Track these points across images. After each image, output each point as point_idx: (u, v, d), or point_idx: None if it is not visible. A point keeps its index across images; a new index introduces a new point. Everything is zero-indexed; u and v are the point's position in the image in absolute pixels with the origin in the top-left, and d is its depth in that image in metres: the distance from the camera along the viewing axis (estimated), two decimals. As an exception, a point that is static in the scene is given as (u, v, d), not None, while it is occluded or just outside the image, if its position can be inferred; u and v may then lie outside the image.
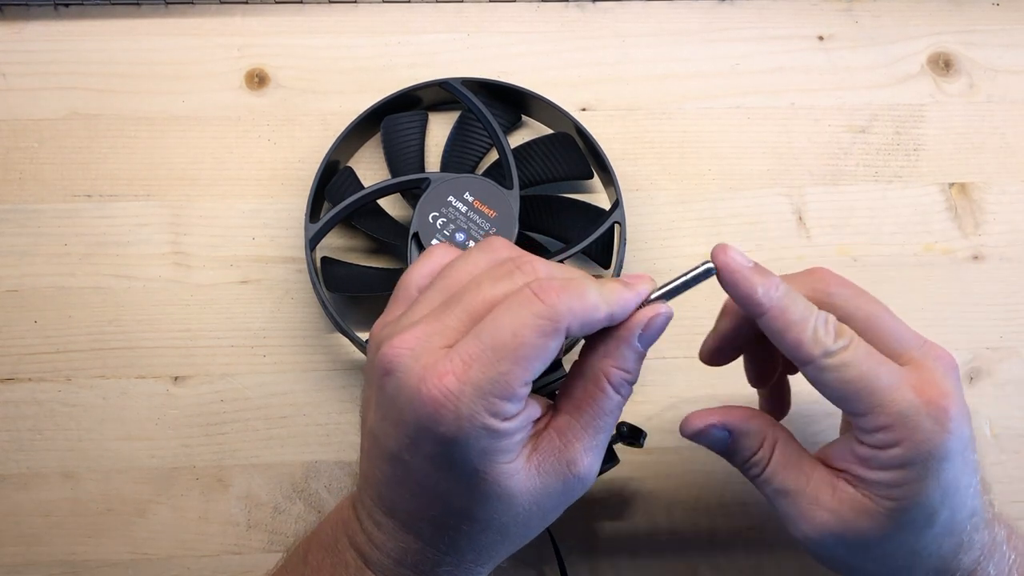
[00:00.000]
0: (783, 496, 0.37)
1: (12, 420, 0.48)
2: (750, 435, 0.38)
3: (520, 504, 0.33)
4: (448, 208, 0.48)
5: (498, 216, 0.48)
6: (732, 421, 0.39)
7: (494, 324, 0.32)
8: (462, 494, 0.33)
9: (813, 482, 0.37)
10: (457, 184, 0.48)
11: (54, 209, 0.51)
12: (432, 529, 0.34)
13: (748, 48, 0.56)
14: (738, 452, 0.39)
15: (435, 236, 0.47)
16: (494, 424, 0.32)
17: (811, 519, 0.36)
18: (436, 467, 0.32)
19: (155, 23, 0.55)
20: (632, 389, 0.35)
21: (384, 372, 0.32)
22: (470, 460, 0.32)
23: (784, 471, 0.37)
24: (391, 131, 0.51)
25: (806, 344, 0.35)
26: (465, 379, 0.31)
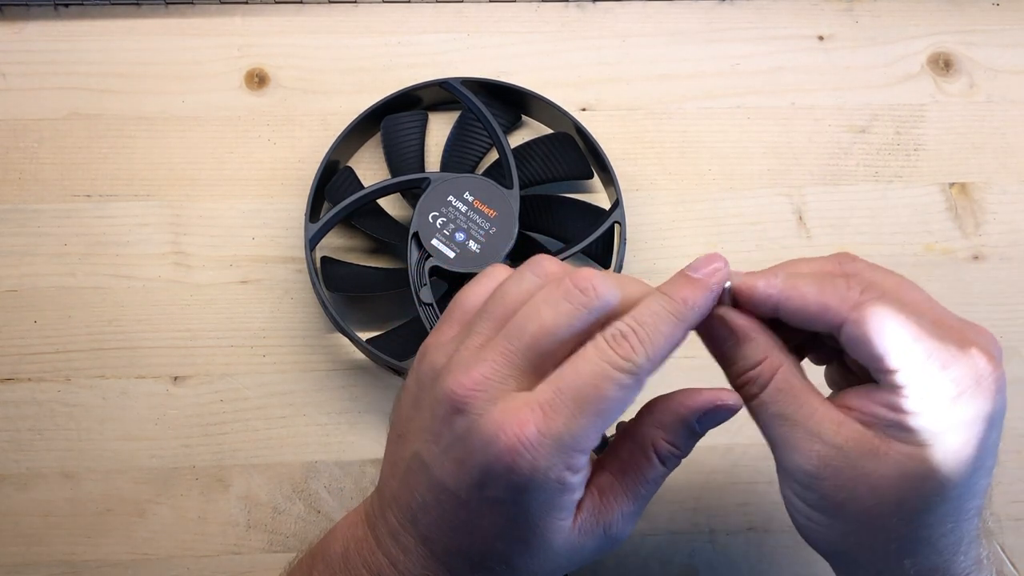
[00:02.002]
0: (780, 422, 0.34)
1: (12, 420, 0.48)
2: (755, 344, 0.35)
3: (556, 559, 0.33)
4: (448, 208, 0.48)
5: (498, 216, 0.48)
6: (739, 321, 0.35)
7: (575, 375, 0.31)
8: (509, 540, 0.33)
9: (818, 414, 0.34)
10: (457, 184, 0.48)
11: (54, 209, 0.51)
12: (464, 565, 0.34)
13: (748, 48, 0.56)
14: (737, 359, 0.35)
15: (435, 236, 0.47)
16: (567, 477, 0.31)
17: (807, 450, 0.33)
18: (493, 511, 0.32)
19: (155, 23, 0.55)
20: (680, 463, 0.35)
21: (454, 409, 0.32)
22: (532, 510, 0.32)
23: (785, 395, 0.34)
24: (391, 131, 0.51)
25: (833, 304, 0.34)
26: (546, 431, 0.30)
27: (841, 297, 0.34)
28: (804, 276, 0.35)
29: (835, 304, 0.34)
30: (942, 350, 0.33)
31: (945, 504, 0.33)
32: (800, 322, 0.35)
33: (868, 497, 0.33)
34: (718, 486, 0.48)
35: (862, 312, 0.33)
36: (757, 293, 0.35)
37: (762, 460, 0.49)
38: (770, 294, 0.35)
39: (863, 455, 0.33)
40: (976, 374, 0.33)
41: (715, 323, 0.35)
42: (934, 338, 0.33)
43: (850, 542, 0.35)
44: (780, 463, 0.35)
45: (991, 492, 0.36)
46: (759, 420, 0.35)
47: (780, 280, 0.35)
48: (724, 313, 0.35)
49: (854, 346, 0.34)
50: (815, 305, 0.34)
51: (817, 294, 0.34)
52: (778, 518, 0.48)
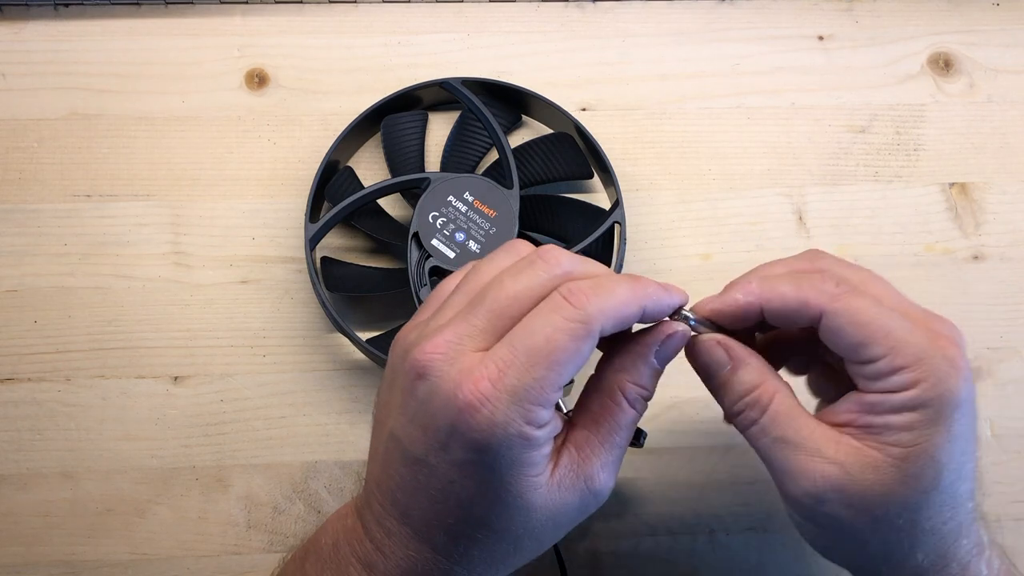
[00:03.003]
0: (781, 446, 0.35)
1: (12, 420, 0.48)
2: (752, 368, 0.36)
3: (537, 518, 0.33)
4: (448, 208, 0.48)
5: (498, 216, 0.48)
6: (735, 348, 0.36)
7: (526, 330, 0.32)
8: (484, 502, 0.33)
9: (816, 434, 0.35)
10: (457, 184, 0.48)
11: (54, 209, 0.51)
12: (446, 538, 0.34)
13: (748, 48, 0.56)
14: (734, 385, 0.36)
15: (435, 236, 0.47)
16: (528, 431, 0.32)
17: (811, 472, 0.34)
18: (462, 472, 0.32)
19: (155, 23, 0.55)
20: (647, 405, 0.35)
21: (416, 375, 0.32)
22: (499, 468, 0.32)
23: (784, 420, 0.35)
24: (391, 131, 0.51)
25: (811, 298, 0.35)
26: (500, 385, 0.31)
27: (818, 291, 0.35)
28: (779, 276, 0.36)
29: (813, 298, 0.35)
30: (919, 337, 0.34)
31: (941, 493, 0.34)
32: (783, 320, 0.36)
33: (876, 506, 0.34)
34: (718, 486, 0.48)
35: (840, 303, 0.34)
36: (739, 303, 0.36)
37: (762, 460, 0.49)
38: (750, 301, 0.36)
39: (863, 468, 0.34)
40: (949, 361, 0.34)
41: (711, 349, 0.36)
42: (907, 326, 0.34)
43: (866, 551, 0.36)
44: (785, 490, 0.36)
45: (981, 476, 0.37)
46: (759, 446, 0.36)
47: (756, 285, 0.36)
48: (721, 340, 0.36)
49: (835, 337, 0.35)
50: (794, 301, 0.35)
51: (795, 291, 0.35)
52: (778, 518, 0.48)
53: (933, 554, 0.35)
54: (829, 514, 0.35)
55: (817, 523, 0.36)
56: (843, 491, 0.34)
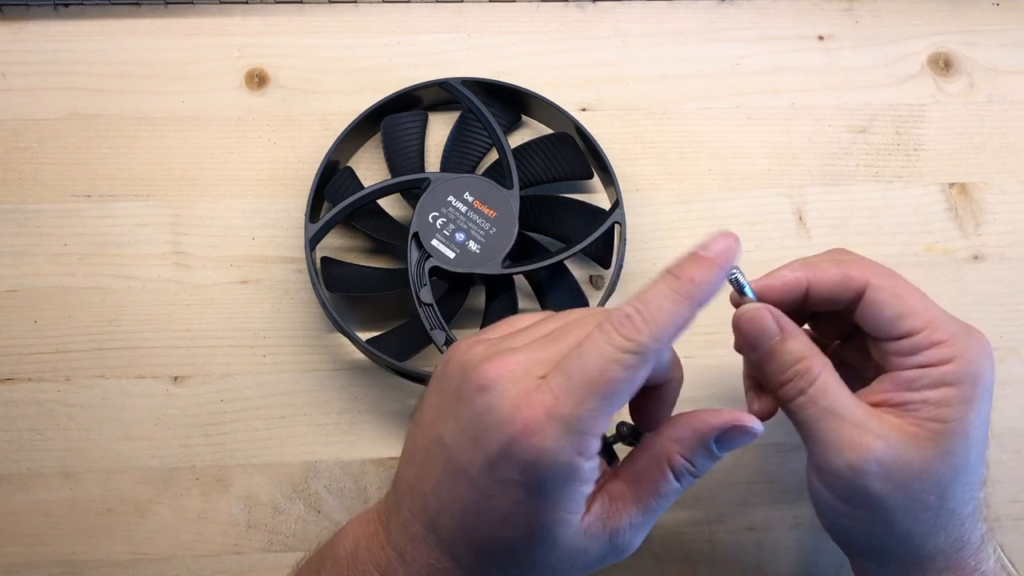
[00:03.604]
0: (830, 418, 0.35)
1: (12, 420, 0.48)
2: (800, 340, 0.37)
3: (558, 556, 0.34)
4: (448, 208, 0.48)
5: (498, 216, 0.48)
6: (785, 319, 0.37)
7: (581, 359, 0.32)
8: (514, 526, 0.33)
9: (860, 407, 0.35)
10: (457, 184, 0.48)
11: (54, 209, 0.51)
12: (469, 553, 0.34)
13: (748, 48, 0.56)
14: (783, 354, 0.36)
15: (435, 236, 0.47)
16: (577, 461, 0.32)
17: (858, 444, 0.34)
18: (502, 491, 0.32)
19: (155, 23, 0.55)
20: (694, 481, 0.35)
21: (479, 387, 0.32)
22: (539, 496, 0.32)
23: (833, 391, 0.36)
24: (391, 131, 0.51)
25: (854, 273, 0.36)
26: (555, 412, 0.31)
27: (860, 268, 0.37)
28: (822, 259, 0.38)
29: (856, 273, 0.37)
30: (953, 321, 0.36)
31: (967, 473, 0.35)
32: (828, 296, 0.37)
33: (912, 481, 0.35)
34: (718, 486, 0.48)
35: (882, 278, 0.36)
36: (787, 279, 0.37)
37: (762, 460, 0.49)
38: (798, 276, 0.37)
39: (905, 443, 0.35)
40: (980, 344, 0.36)
41: (763, 318, 0.37)
42: (941, 311, 0.36)
43: (891, 532, 0.36)
44: (827, 462, 0.36)
45: (990, 478, 0.38)
46: (804, 416, 0.36)
47: (800, 265, 0.38)
48: (771, 309, 0.37)
49: (876, 309, 0.36)
50: (839, 276, 0.37)
51: (836, 268, 0.37)
52: (778, 518, 0.48)
53: (952, 536, 0.36)
54: (867, 488, 0.35)
55: (851, 500, 0.36)
56: (886, 464, 0.35)
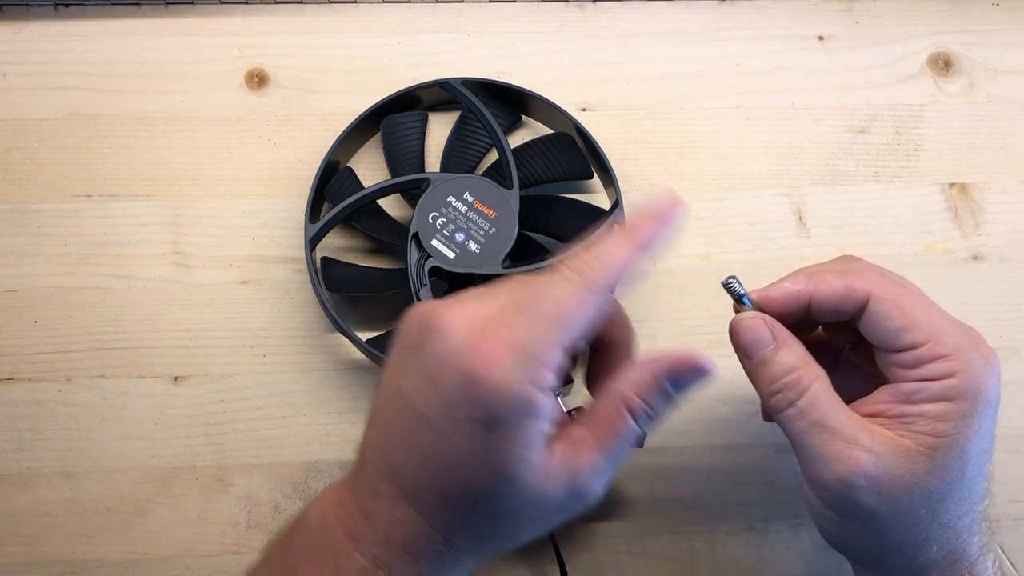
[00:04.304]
0: (819, 431, 0.35)
1: (12, 420, 0.48)
2: (794, 349, 0.37)
3: (520, 499, 0.33)
4: (448, 208, 0.48)
5: (498, 216, 0.48)
6: (779, 329, 0.37)
7: (535, 299, 0.33)
8: (474, 466, 0.33)
9: (852, 421, 0.35)
10: (457, 184, 0.48)
11: (54, 209, 0.51)
12: (432, 501, 0.34)
13: (748, 48, 0.56)
14: (775, 365, 0.36)
15: (435, 236, 0.47)
16: (533, 393, 0.32)
17: (847, 458, 0.35)
18: (460, 431, 0.32)
19: (155, 23, 0.55)
20: (653, 426, 0.35)
21: (439, 332, 0.33)
22: (497, 432, 0.32)
23: (823, 404, 0.36)
24: (391, 131, 0.51)
25: (857, 285, 0.36)
26: (510, 344, 0.32)
27: (864, 279, 0.37)
28: (825, 269, 0.38)
29: (860, 284, 0.36)
30: (958, 332, 0.36)
31: (964, 487, 0.35)
32: (831, 308, 0.37)
33: (904, 495, 0.35)
34: (718, 486, 0.48)
35: (886, 289, 0.36)
36: (789, 291, 0.37)
37: (762, 460, 0.49)
38: (799, 289, 0.37)
39: (896, 457, 0.35)
40: (985, 358, 0.36)
41: (757, 327, 0.37)
42: (946, 321, 0.36)
43: (883, 543, 0.36)
44: (816, 475, 0.36)
45: (992, 479, 0.37)
46: (793, 428, 0.36)
47: (803, 276, 0.37)
48: (765, 318, 0.37)
49: (879, 322, 0.36)
50: (841, 287, 0.37)
51: (840, 280, 0.37)
52: (778, 518, 0.48)
53: (946, 549, 0.36)
54: (857, 501, 0.35)
55: (841, 511, 0.36)
56: (875, 478, 0.35)
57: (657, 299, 0.51)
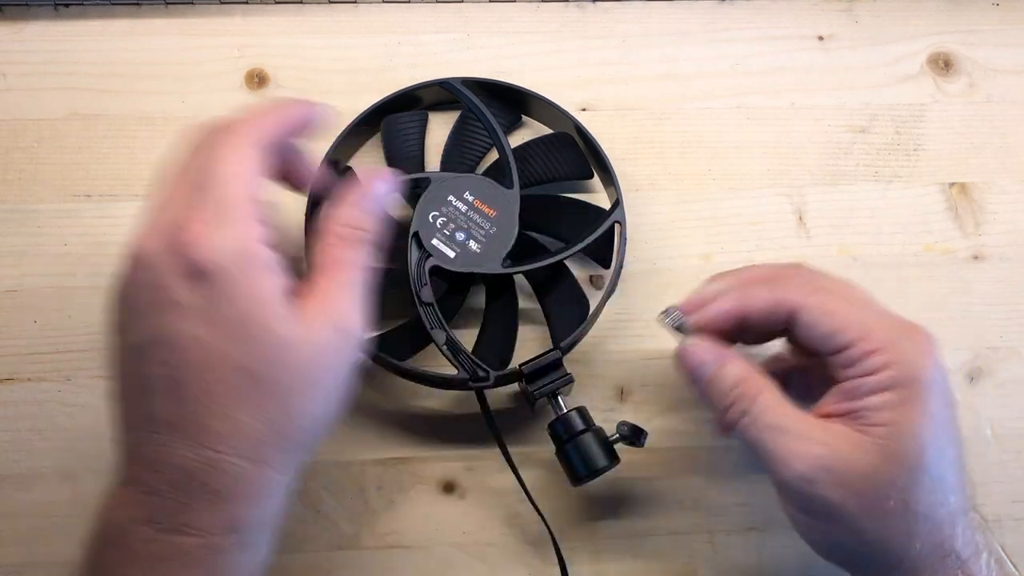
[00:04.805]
0: (774, 433, 0.37)
1: (12, 420, 0.48)
2: (736, 364, 0.39)
3: (293, 357, 0.34)
4: (448, 207, 0.48)
5: (498, 215, 0.48)
6: (720, 347, 0.39)
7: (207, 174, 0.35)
8: (228, 340, 0.33)
9: (805, 421, 0.37)
10: (457, 183, 0.48)
11: (54, 209, 0.51)
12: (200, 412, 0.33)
13: (748, 48, 0.56)
14: (723, 380, 0.38)
15: (435, 235, 0.47)
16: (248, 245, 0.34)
17: (803, 453, 0.36)
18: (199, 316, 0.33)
19: (155, 23, 0.55)
20: (368, 240, 0.38)
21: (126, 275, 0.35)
22: (232, 294, 0.33)
23: (774, 407, 0.37)
24: (391, 131, 0.51)
25: (785, 296, 0.38)
26: (206, 219, 0.34)
27: (794, 288, 0.38)
28: (754, 284, 0.39)
29: (789, 295, 0.38)
30: (889, 326, 0.37)
31: (927, 474, 0.36)
32: (762, 322, 0.39)
33: (865, 485, 0.36)
34: (718, 486, 0.48)
35: (812, 298, 0.38)
36: (722, 310, 0.39)
37: (762, 460, 0.49)
38: (730, 308, 0.39)
39: (850, 448, 0.36)
40: (917, 345, 0.37)
41: (698, 350, 0.39)
42: (877, 317, 0.38)
43: (865, 542, 0.36)
44: (779, 477, 0.37)
45: (971, 473, 0.38)
46: (751, 437, 0.38)
47: (732, 294, 0.39)
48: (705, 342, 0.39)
49: (809, 330, 0.38)
50: (770, 300, 0.38)
51: (769, 291, 0.38)
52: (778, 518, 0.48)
53: (930, 543, 0.36)
54: (822, 496, 0.36)
55: (811, 511, 0.37)
56: (833, 470, 0.36)
57: (657, 299, 0.51)
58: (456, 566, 0.47)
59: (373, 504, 0.47)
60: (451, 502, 0.48)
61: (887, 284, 0.52)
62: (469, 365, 0.45)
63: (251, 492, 0.34)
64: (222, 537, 0.33)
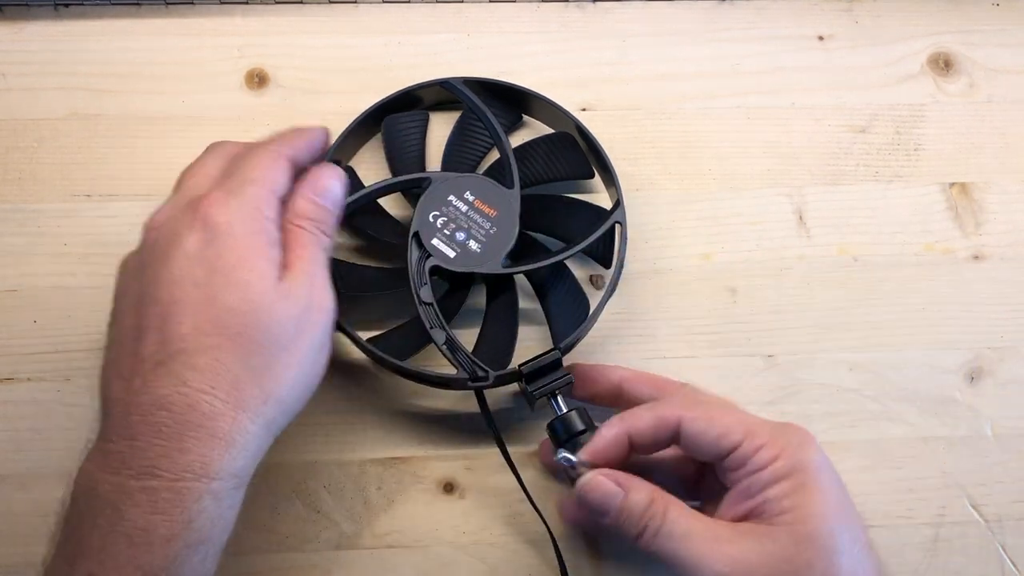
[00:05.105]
0: (687, 541, 0.38)
1: (11, 420, 0.48)
2: (641, 487, 0.39)
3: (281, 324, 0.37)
4: (449, 207, 0.48)
5: (499, 215, 0.48)
6: (621, 475, 0.40)
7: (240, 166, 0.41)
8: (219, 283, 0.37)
9: (712, 525, 0.38)
10: (458, 183, 0.48)
11: (53, 209, 0.51)
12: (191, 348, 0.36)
13: (748, 48, 0.56)
14: (631, 507, 0.39)
15: (436, 235, 0.47)
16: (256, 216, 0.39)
17: (720, 554, 0.37)
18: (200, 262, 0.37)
19: (155, 23, 0.55)
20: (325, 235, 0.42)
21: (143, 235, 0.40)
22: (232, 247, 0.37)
23: (683, 519, 0.38)
24: (392, 131, 0.51)
25: (666, 413, 0.40)
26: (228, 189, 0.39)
27: (670, 407, 0.40)
28: (638, 408, 0.41)
29: (668, 412, 0.40)
30: (768, 424, 0.39)
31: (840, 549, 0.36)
32: (649, 440, 0.40)
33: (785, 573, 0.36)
34: (718, 486, 0.48)
35: (692, 411, 0.40)
36: (609, 439, 0.41)
37: (762, 460, 0.49)
38: (616, 433, 0.40)
39: (761, 539, 0.37)
40: (799, 435, 0.39)
41: (601, 483, 0.40)
42: (756, 420, 0.40)
43: None
44: None
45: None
46: (666, 551, 0.38)
47: (616, 420, 0.41)
48: (605, 472, 0.40)
49: (696, 439, 0.39)
50: (651, 420, 0.40)
51: (650, 412, 0.40)
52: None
53: None
54: None
55: None
56: (750, 564, 0.36)
57: (657, 299, 0.51)
58: (456, 566, 0.47)
59: (373, 504, 0.47)
60: (451, 502, 0.48)
61: (887, 284, 0.52)
62: (469, 365, 0.45)
63: (223, 434, 0.35)
64: (191, 482, 0.34)
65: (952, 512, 0.49)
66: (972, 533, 0.48)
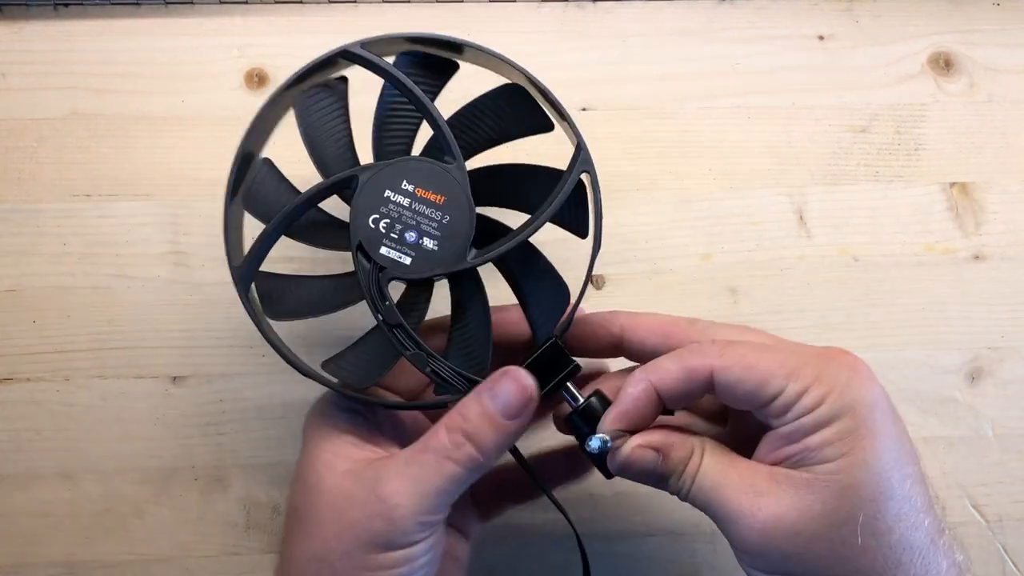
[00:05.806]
0: (722, 492, 0.35)
1: (10, 420, 0.48)
2: (677, 446, 0.36)
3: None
4: (387, 206, 0.39)
5: (447, 201, 0.40)
6: (654, 438, 0.37)
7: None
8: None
9: (749, 470, 0.35)
10: (390, 173, 0.40)
11: (53, 209, 0.51)
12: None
13: (748, 48, 0.56)
14: (672, 468, 0.36)
15: (382, 243, 0.39)
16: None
17: (758, 509, 0.34)
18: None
19: (155, 23, 0.55)
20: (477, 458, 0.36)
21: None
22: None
23: (717, 465, 0.36)
24: (307, 116, 0.41)
25: (695, 364, 0.36)
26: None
27: (699, 356, 0.36)
28: (662, 360, 0.37)
29: (697, 363, 0.36)
30: (812, 358, 0.35)
31: (891, 499, 0.33)
32: (680, 394, 0.36)
33: (825, 529, 0.33)
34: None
35: (724, 358, 0.35)
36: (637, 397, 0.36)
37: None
38: (643, 389, 0.36)
39: (799, 491, 0.34)
40: (849, 368, 0.35)
41: (639, 454, 0.37)
42: (797, 354, 0.35)
43: None
44: (735, 536, 0.35)
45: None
46: (702, 500, 0.36)
47: (640, 374, 0.37)
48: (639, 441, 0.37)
49: (732, 390, 0.35)
50: (680, 372, 0.36)
51: (677, 364, 0.36)
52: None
53: (914, 573, 0.33)
54: (780, 550, 0.34)
55: (778, 569, 0.34)
56: (790, 521, 0.34)
57: (657, 299, 0.51)
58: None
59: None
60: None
61: (887, 284, 0.52)
62: (463, 384, 0.39)
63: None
64: None
65: (952, 512, 0.49)
66: (972, 533, 0.48)
